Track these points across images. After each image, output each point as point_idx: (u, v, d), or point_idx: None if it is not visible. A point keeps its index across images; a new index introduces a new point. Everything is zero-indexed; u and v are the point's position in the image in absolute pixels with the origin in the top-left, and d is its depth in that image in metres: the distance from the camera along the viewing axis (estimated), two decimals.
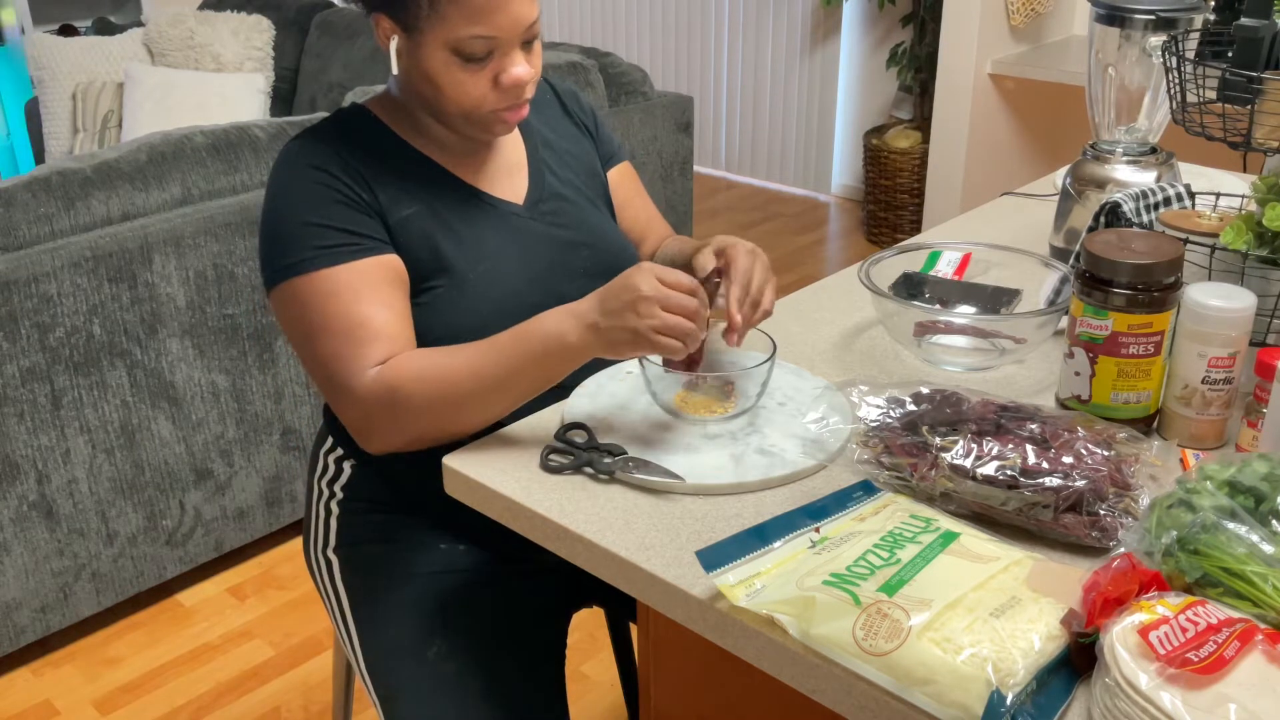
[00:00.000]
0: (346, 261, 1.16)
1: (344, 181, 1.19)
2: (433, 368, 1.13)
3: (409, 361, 1.14)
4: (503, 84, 1.17)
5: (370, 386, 1.14)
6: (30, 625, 2.09)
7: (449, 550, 1.32)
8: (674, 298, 1.05)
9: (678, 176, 3.06)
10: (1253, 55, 1.22)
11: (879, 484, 1.01)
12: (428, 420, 1.14)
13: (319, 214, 1.17)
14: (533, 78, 1.19)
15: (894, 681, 0.79)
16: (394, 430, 1.16)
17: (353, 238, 1.17)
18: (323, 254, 1.16)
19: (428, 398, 1.12)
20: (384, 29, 1.18)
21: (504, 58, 1.16)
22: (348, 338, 1.15)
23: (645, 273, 1.05)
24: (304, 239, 1.17)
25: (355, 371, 1.15)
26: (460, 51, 1.14)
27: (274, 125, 2.30)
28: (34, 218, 1.96)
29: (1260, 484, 0.88)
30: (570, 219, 1.32)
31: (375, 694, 1.27)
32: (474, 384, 1.12)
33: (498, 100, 1.18)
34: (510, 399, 1.13)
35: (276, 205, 1.20)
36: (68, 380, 2.01)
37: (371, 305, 1.16)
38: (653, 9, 4.85)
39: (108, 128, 3.63)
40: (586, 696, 2.06)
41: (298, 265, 1.17)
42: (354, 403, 1.16)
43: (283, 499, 2.40)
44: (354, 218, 1.18)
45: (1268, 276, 1.15)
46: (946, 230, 1.70)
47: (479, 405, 1.13)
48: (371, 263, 1.18)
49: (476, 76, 1.16)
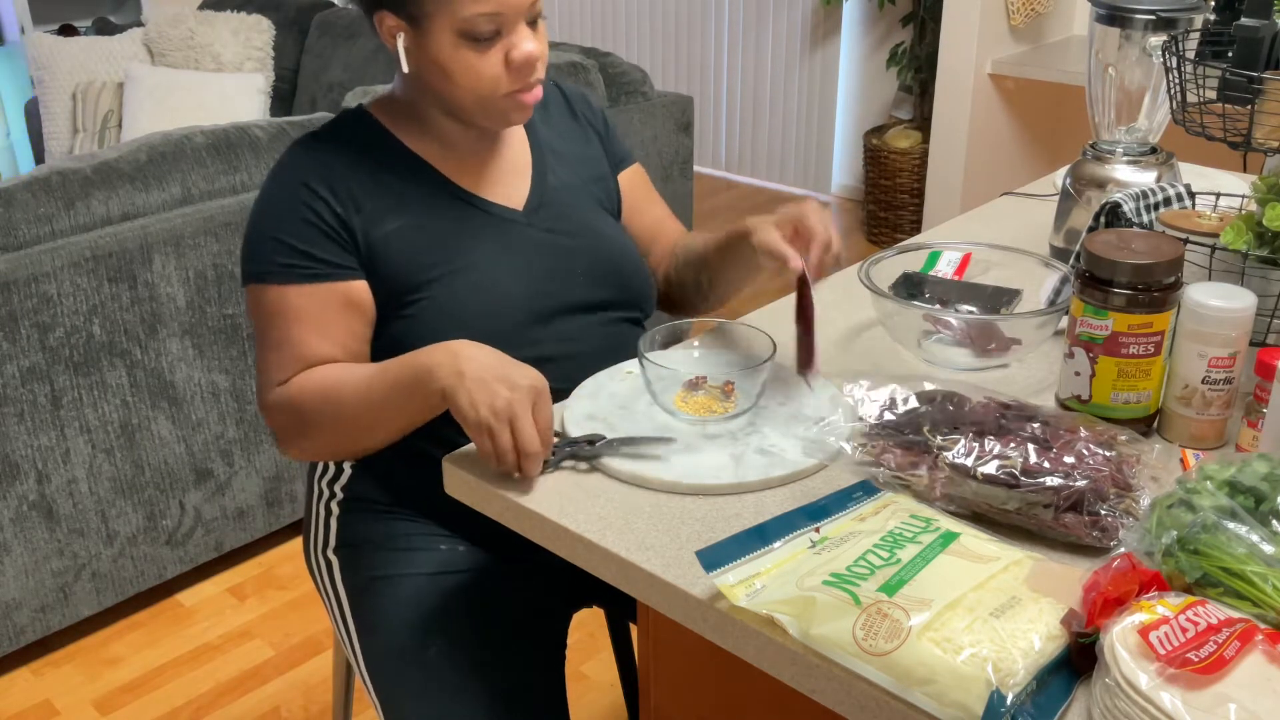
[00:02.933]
0: (298, 284, 1.20)
1: (322, 200, 1.21)
2: (328, 386, 1.19)
3: (310, 374, 1.20)
4: (514, 61, 1.17)
5: (275, 399, 1.21)
6: (30, 625, 2.09)
7: (449, 550, 1.32)
8: (526, 430, 1.03)
9: (678, 176, 3.06)
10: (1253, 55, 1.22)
11: (879, 484, 1.00)
12: (328, 435, 1.21)
13: (286, 231, 1.21)
14: (542, 55, 1.20)
15: (894, 681, 0.79)
16: (299, 437, 1.23)
17: (311, 261, 1.21)
18: (278, 270, 1.21)
19: (323, 414, 1.19)
20: (388, 27, 1.18)
21: (512, 35, 1.17)
22: (275, 351, 1.22)
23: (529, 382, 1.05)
24: (267, 251, 1.21)
25: (269, 383, 1.22)
26: (468, 33, 1.15)
27: (274, 125, 2.30)
28: (34, 218, 1.96)
29: (1260, 484, 0.88)
30: (570, 223, 1.32)
31: (375, 694, 1.27)
32: (358, 404, 1.17)
33: (511, 81, 1.19)
34: (387, 425, 1.17)
35: (257, 211, 1.25)
36: (68, 380, 2.01)
37: (306, 329, 1.20)
38: (653, 9, 4.85)
39: (108, 128, 3.63)
40: (586, 696, 2.06)
41: (258, 274, 1.22)
42: (267, 413, 1.24)
43: (283, 499, 2.40)
44: (320, 242, 1.21)
45: (1268, 276, 1.15)
46: (946, 230, 1.70)
47: (365, 426, 1.18)
48: (322, 288, 1.21)
49: (487, 57, 1.16)
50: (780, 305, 1.44)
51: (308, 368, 1.21)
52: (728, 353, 1.26)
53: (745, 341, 1.25)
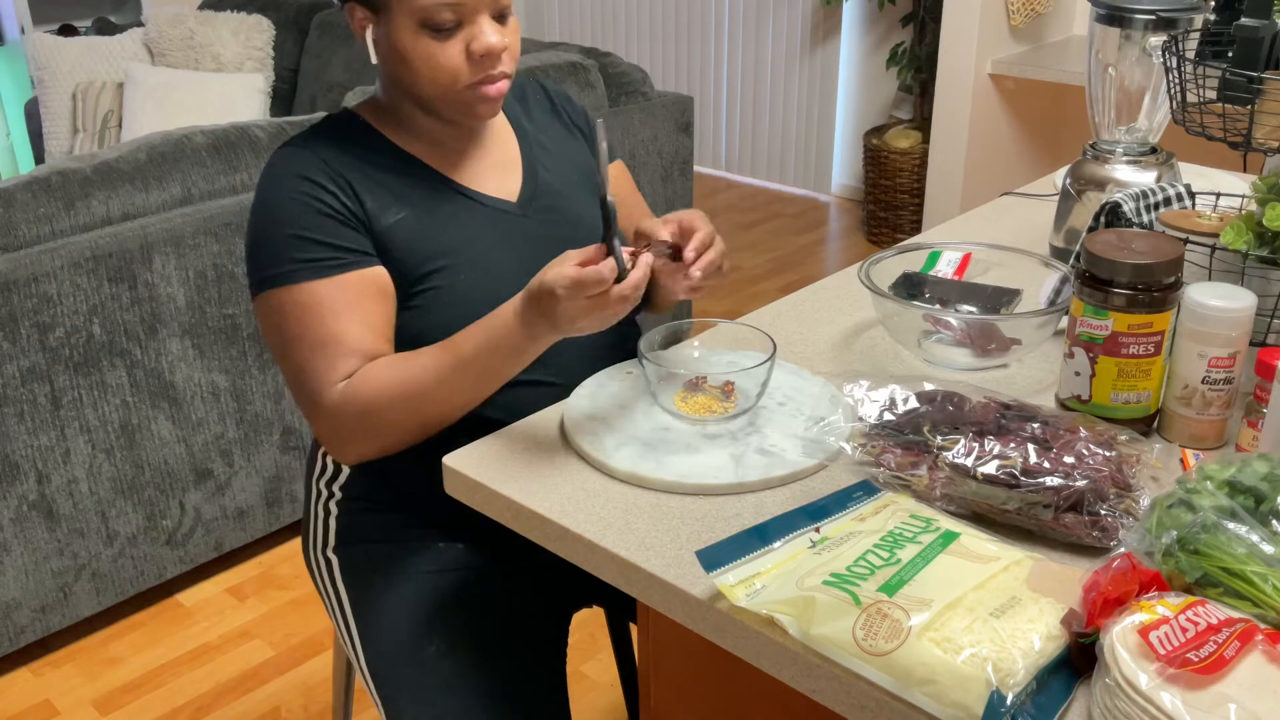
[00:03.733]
0: (327, 276, 1.18)
1: (329, 191, 1.20)
2: (398, 373, 1.16)
3: (374, 371, 1.17)
4: (474, 52, 1.17)
5: (338, 400, 1.17)
6: (30, 625, 2.09)
7: (448, 550, 1.32)
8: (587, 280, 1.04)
9: (678, 176, 3.05)
10: (1253, 55, 1.22)
11: (879, 484, 1.00)
12: (400, 425, 1.17)
13: (302, 226, 1.18)
14: (505, 49, 1.19)
15: (894, 681, 0.79)
16: (367, 439, 1.19)
17: (335, 251, 1.19)
18: (304, 267, 1.18)
19: (396, 403, 1.15)
20: (358, 20, 1.19)
21: (472, 26, 1.17)
22: (321, 351, 1.17)
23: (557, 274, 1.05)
24: (286, 251, 1.18)
25: (324, 386, 1.17)
26: (428, 23, 1.15)
27: (274, 125, 2.30)
28: (34, 218, 1.96)
29: (1260, 484, 0.88)
30: (564, 215, 1.33)
31: (375, 694, 1.27)
32: (437, 381, 1.15)
33: (472, 72, 1.18)
34: (473, 389, 1.16)
35: (261, 215, 1.21)
36: (68, 380, 2.01)
37: (348, 321, 1.18)
38: (653, 9, 4.85)
39: (108, 128, 3.64)
40: (586, 696, 2.06)
41: (279, 277, 1.18)
42: (324, 416, 1.18)
43: (283, 499, 2.40)
44: (337, 230, 1.19)
45: (1268, 276, 1.15)
46: (946, 230, 1.70)
47: (445, 401, 1.16)
48: (353, 277, 1.19)
49: (447, 48, 1.16)
50: (780, 305, 1.44)
51: (365, 360, 1.18)
52: (728, 353, 1.26)
53: (745, 341, 1.25)
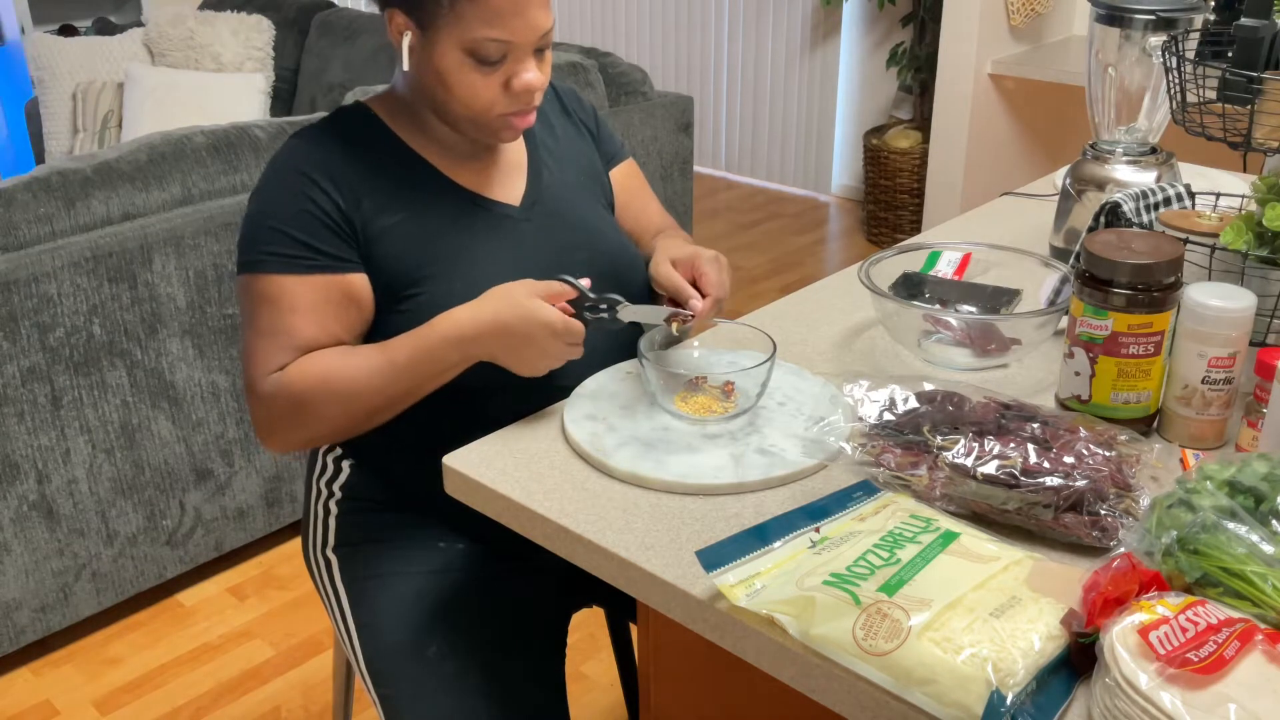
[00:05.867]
0: (295, 274, 1.20)
1: (325, 192, 1.21)
2: (333, 369, 1.18)
3: (308, 364, 1.19)
4: (514, 88, 1.18)
5: (271, 389, 1.19)
6: (30, 625, 2.09)
7: (448, 550, 1.32)
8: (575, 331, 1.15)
9: (678, 176, 3.06)
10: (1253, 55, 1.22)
11: (879, 484, 1.00)
12: (329, 420, 1.20)
13: (286, 221, 1.20)
14: (542, 85, 1.20)
15: (894, 681, 0.79)
16: (294, 429, 1.21)
17: (310, 252, 1.20)
18: (276, 260, 1.20)
19: (325, 398, 1.18)
20: (397, 25, 1.18)
21: (517, 63, 1.17)
22: (269, 340, 1.20)
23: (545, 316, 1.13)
24: (266, 241, 1.21)
25: (262, 373, 1.20)
26: (474, 53, 1.15)
27: (274, 125, 2.30)
28: (34, 218, 1.96)
29: (1260, 484, 0.88)
30: (567, 219, 1.33)
31: (375, 694, 1.27)
32: (367, 383, 1.18)
33: (507, 105, 1.19)
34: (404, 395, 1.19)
35: (256, 200, 1.24)
36: (68, 380, 2.01)
37: (303, 319, 1.20)
38: (653, 9, 4.85)
39: (108, 128, 3.63)
40: (586, 696, 2.06)
41: (251, 263, 1.21)
42: (258, 402, 1.22)
43: (283, 499, 2.40)
44: (320, 233, 1.20)
45: (1268, 276, 1.15)
46: (946, 230, 1.70)
47: (373, 402, 1.19)
48: (320, 280, 1.20)
49: (488, 79, 1.17)
50: (780, 305, 1.44)
51: (302, 355, 1.20)
52: (728, 353, 1.26)
53: (745, 341, 1.25)
